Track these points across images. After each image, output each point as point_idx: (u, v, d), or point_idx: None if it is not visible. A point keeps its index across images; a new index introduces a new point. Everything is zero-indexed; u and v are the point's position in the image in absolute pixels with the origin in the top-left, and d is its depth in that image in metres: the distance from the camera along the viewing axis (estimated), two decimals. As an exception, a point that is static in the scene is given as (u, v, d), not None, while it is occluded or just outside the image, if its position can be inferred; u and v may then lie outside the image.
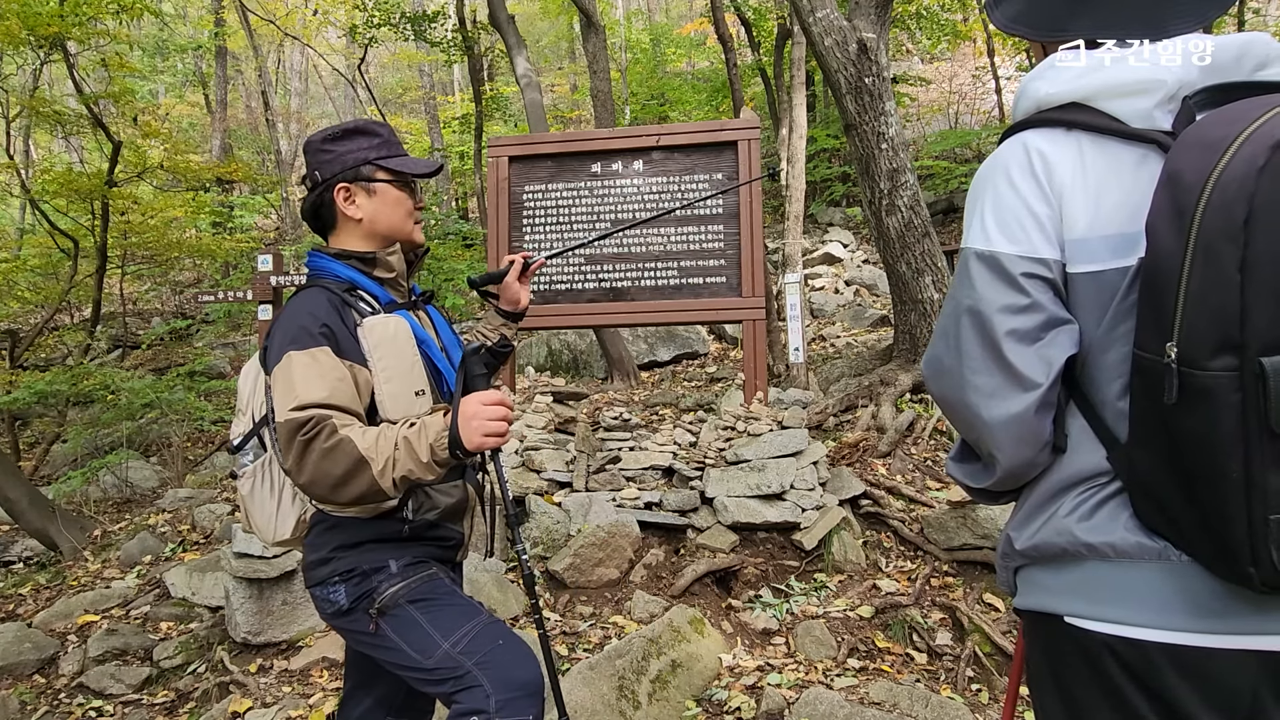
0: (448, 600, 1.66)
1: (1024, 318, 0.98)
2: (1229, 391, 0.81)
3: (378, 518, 1.66)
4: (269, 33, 16.78)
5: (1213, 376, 0.82)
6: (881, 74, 5.33)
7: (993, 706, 2.92)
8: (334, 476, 1.45)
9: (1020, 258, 0.99)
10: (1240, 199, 0.79)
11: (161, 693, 3.54)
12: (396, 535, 1.67)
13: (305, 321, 1.56)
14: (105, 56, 9.35)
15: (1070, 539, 0.99)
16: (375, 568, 1.64)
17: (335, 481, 1.45)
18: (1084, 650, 0.99)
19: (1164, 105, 0.94)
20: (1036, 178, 0.99)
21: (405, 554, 1.67)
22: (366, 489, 1.46)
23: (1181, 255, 0.83)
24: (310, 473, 1.45)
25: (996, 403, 1.00)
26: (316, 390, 1.48)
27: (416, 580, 1.65)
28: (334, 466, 1.44)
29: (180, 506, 5.60)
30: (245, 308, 10.40)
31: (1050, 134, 1.00)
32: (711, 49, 17.48)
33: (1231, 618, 0.91)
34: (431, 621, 1.60)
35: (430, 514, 1.70)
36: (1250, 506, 0.82)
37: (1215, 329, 0.81)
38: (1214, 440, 0.83)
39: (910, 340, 5.52)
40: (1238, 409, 0.81)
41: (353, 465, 1.45)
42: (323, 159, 1.70)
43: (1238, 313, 0.80)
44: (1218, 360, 0.82)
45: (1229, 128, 0.84)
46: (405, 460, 1.46)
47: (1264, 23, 13.03)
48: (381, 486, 1.46)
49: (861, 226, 11.59)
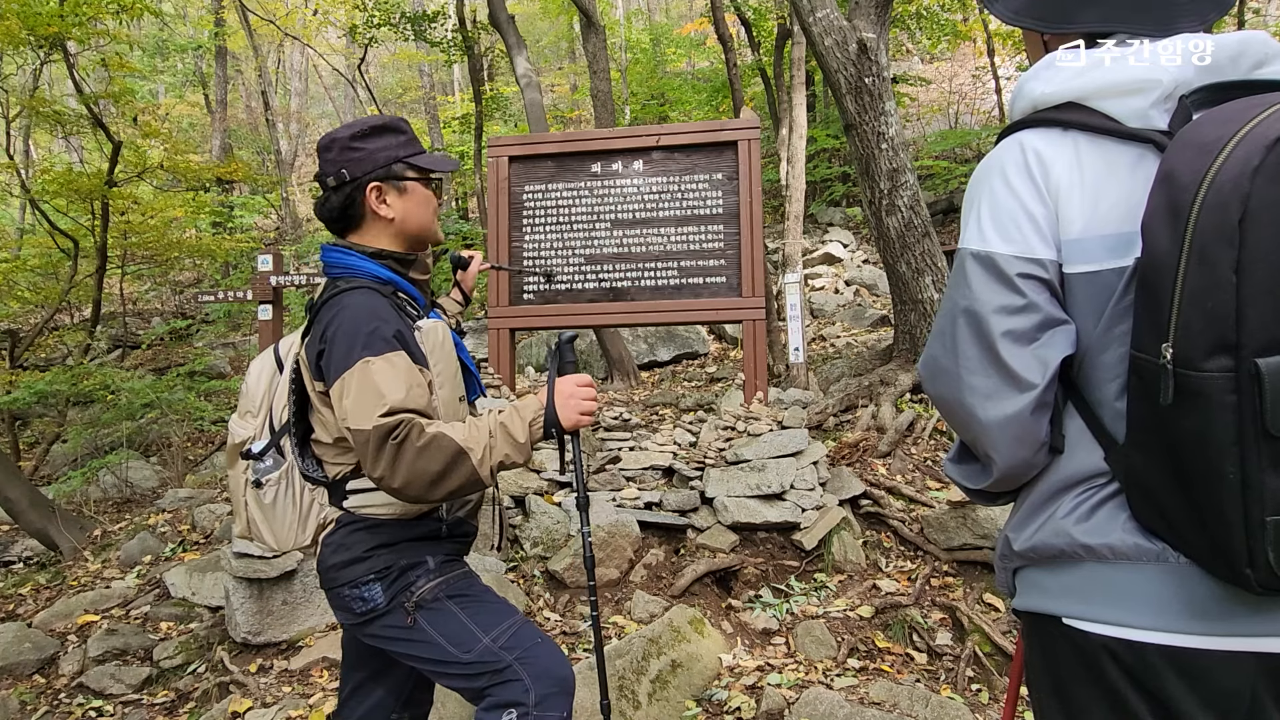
0: (486, 597, 1.70)
1: (1020, 318, 0.97)
2: (1224, 393, 0.81)
3: (419, 518, 1.68)
4: (269, 33, 16.79)
5: (1208, 378, 0.82)
6: (881, 74, 5.33)
7: (993, 706, 2.91)
8: (431, 473, 1.46)
9: (1016, 258, 0.98)
10: (1235, 199, 0.79)
11: (161, 693, 3.54)
12: (435, 534, 1.69)
13: (375, 326, 1.54)
14: (105, 56, 9.35)
15: (1068, 540, 0.99)
16: (413, 563, 1.65)
17: (433, 478, 1.46)
18: (1081, 652, 0.99)
19: (1160, 105, 0.93)
20: (1032, 178, 0.99)
21: (439, 551, 1.70)
22: (466, 479, 1.48)
23: (1177, 256, 0.83)
24: (406, 474, 1.45)
25: (993, 403, 0.99)
26: (400, 394, 1.49)
27: (454, 576, 1.68)
28: (430, 463, 1.45)
29: (180, 506, 5.60)
30: (245, 308, 10.42)
31: (1046, 134, 1.00)
32: (711, 49, 17.48)
33: (1230, 619, 0.90)
34: (472, 617, 1.63)
35: (460, 511, 1.75)
36: (1247, 508, 0.82)
37: (1211, 330, 0.81)
38: (1210, 442, 0.83)
39: (910, 340, 5.52)
40: (1234, 410, 0.81)
41: (451, 459, 1.46)
42: (352, 156, 1.66)
43: (1233, 314, 0.80)
44: (1213, 361, 0.81)
45: (1224, 127, 0.83)
46: (502, 445, 1.51)
47: (1264, 23, 13.03)
48: (480, 475, 1.48)
49: (861, 226, 11.59)
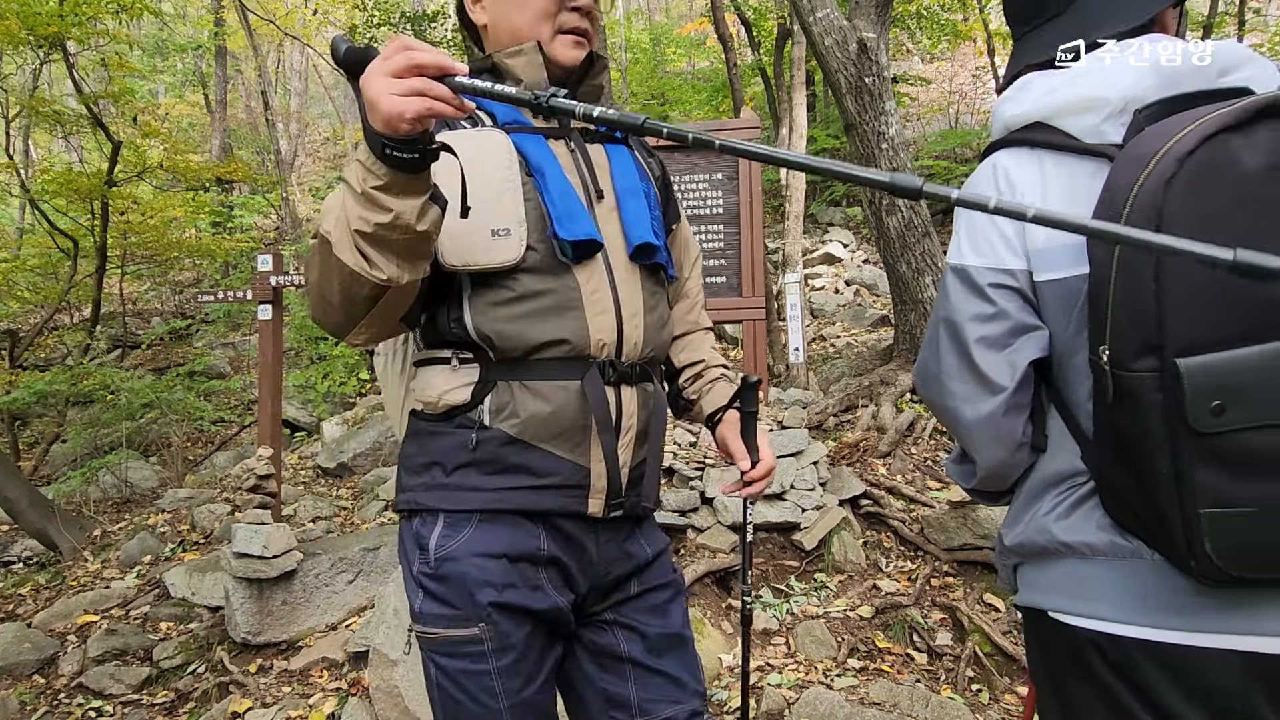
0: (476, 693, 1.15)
1: (991, 325, 1.03)
2: (1152, 391, 0.86)
3: (441, 416, 1.20)
4: (269, 33, 16.78)
5: (1138, 377, 0.87)
6: (881, 74, 5.33)
7: (993, 706, 2.91)
8: (314, 280, 1.07)
9: (987, 269, 1.04)
10: (1152, 210, 0.84)
11: (161, 693, 3.54)
12: (462, 446, 1.17)
13: None
14: (105, 56, 9.34)
15: (1049, 538, 1.02)
16: (420, 508, 1.19)
17: (318, 289, 1.07)
18: (1070, 646, 1.01)
19: (1113, 119, 0.97)
20: (999, 191, 1.05)
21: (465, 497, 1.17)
22: (337, 274, 1.02)
23: (1110, 264, 0.89)
24: (310, 295, 1.11)
25: (970, 405, 1.05)
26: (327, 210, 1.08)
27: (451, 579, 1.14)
28: (313, 269, 1.07)
29: (180, 506, 5.60)
30: (245, 308, 10.41)
31: (1016, 153, 1.05)
32: (711, 49, 17.48)
33: (1209, 616, 0.92)
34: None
35: (510, 423, 1.16)
36: (1182, 502, 0.86)
37: (1137, 333, 0.87)
38: (1145, 439, 0.88)
39: (910, 340, 5.52)
40: (1161, 408, 0.85)
41: (321, 256, 1.04)
42: None
43: (1155, 317, 0.85)
44: (1141, 362, 0.87)
45: (1159, 141, 0.88)
46: (349, 204, 0.99)
47: (1264, 23, 13.03)
48: (341, 260, 1.00)
49: (861, 226, 11.59)
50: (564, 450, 1.17)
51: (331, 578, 3.91)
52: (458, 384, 1.18)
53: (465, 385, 1.18)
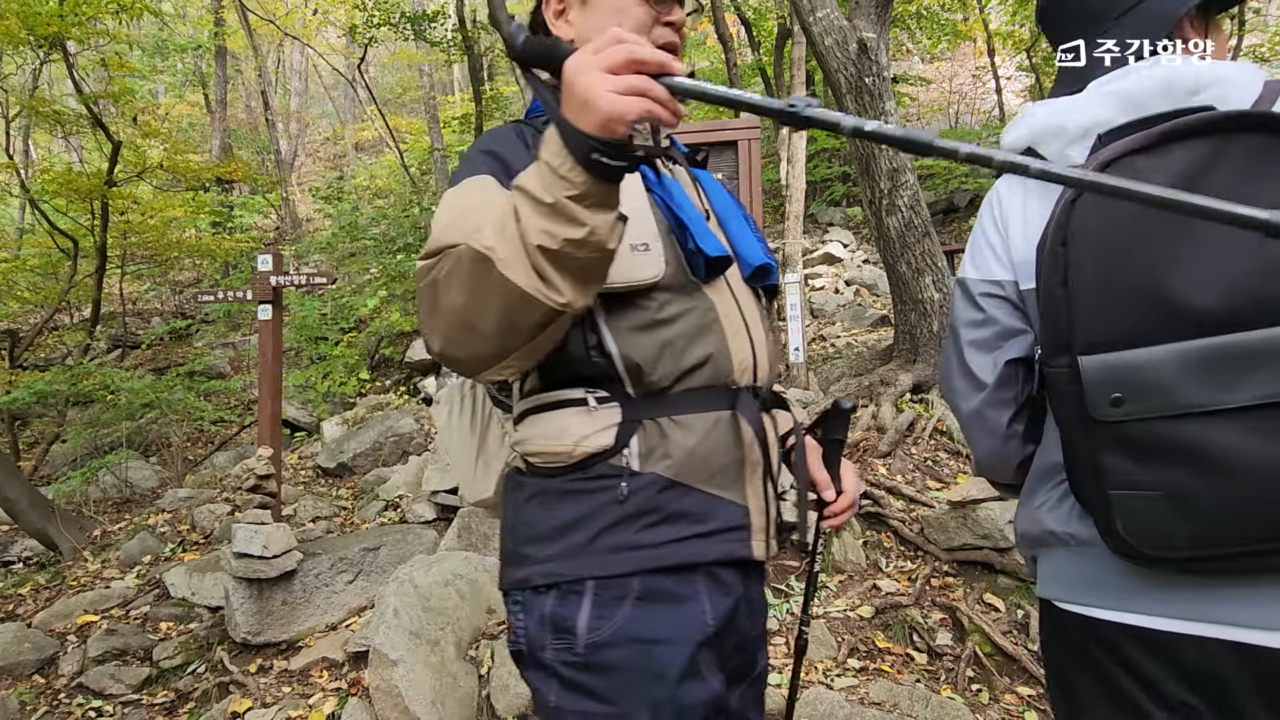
0: None
1: (981, 330, 1.15)
2: (1067, 384, 0.96)
3: (574, 467, 1.04)
4: (269, 32, 16.79)
5: (1057, 373, 0.98)
6: (881, 74, 5.33)
7: (993, 706, 2.91)
8: (457, 308, 0.89)
9: (980, 280, 1.16)
10: (1059, 227, 0.96)
11: (161, 693, 3.54)
12: (611, 500, 1.02)
13: (470, 155, 1.06)
14: (105, 56, 9.36)
15: (1040, 528, 1.09)
16: (561, 581, 1.02)
17: (462, 314, 0.89)
18: (1067, 631, 1.07)
19: (1076, 144, 1.04)
20: (993, 214, 1.17)
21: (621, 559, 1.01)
22: (503, 299, 0.86)
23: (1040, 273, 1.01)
24: (439, 325, 0.92)
25: (964, 400, 1.17)
26: (443, 222, 0.95)
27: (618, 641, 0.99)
28: (454, 295, 0.89)
29: (180, 506, 5.60)
30: (245, 308, 10.41)
31: (1009, 179, 1.16)
32: (712, 49, 17.48)
33: (1182, 603, 0.96)
34: None
35: (664, 465, 1.03)
36: (1097, 483, 0.95)
37: (1055, 334, 0.98)
38: (1068, 425, 0.99)
39: (910, 340, 5.51)
40: (1076, 400, 0.95)
41: (471, 275, 0.87)
42: None
43: (1066, 320, 0.96)
44: (1058, 359, 0.98)
45: (1093, 162, 0.97)
46: (529, 218, 0.84)
47: (1264, 23, 13.04)
48: (515, 283, 0.85)
49: (861, 226, 11.59)
50: (720, 489, 1.06)
51: (331, 578, 3.91)
52: (598, 427, 1.03)
53: (608, 427, 1.03)
